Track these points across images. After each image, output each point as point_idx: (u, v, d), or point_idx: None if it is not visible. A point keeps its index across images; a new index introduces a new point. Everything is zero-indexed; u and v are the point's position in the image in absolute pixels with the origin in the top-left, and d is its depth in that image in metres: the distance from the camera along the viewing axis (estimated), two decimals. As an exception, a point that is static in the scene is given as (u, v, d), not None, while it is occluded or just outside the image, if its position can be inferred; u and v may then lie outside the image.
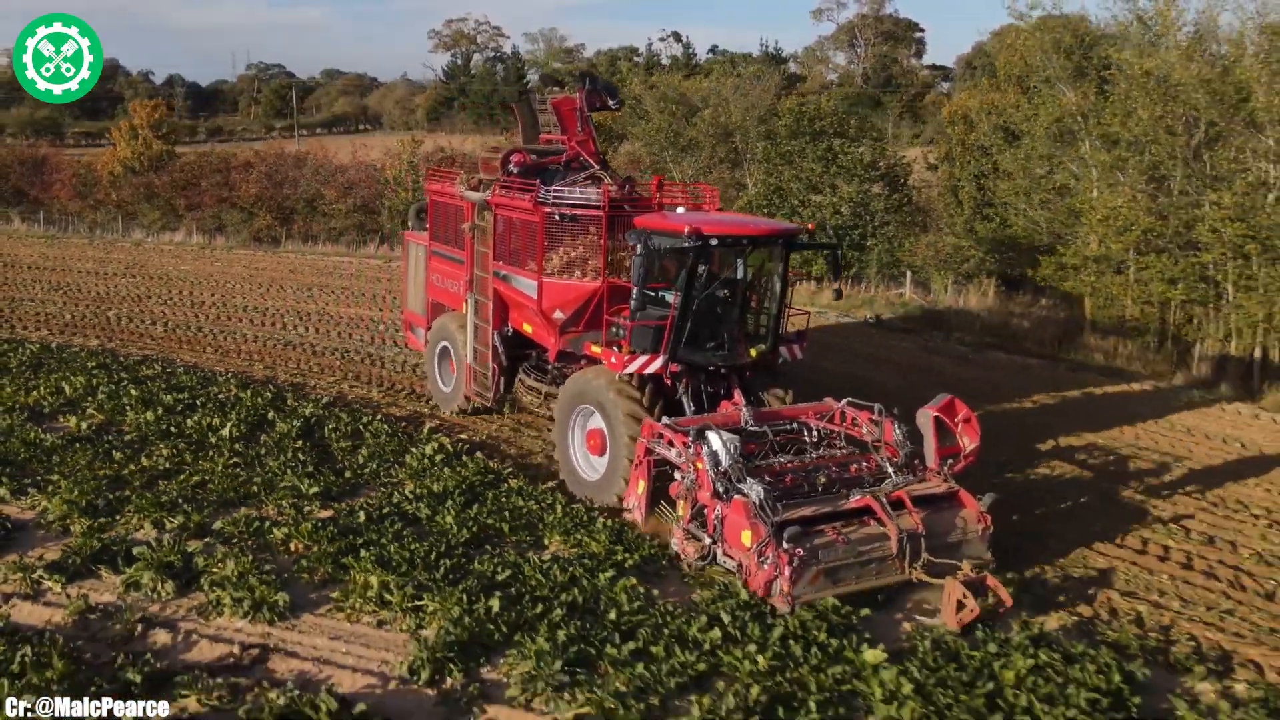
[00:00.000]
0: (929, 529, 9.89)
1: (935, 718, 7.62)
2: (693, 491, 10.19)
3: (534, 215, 12.94)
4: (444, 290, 15.85)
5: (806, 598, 9.30)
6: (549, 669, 8.13)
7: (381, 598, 9.42)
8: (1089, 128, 21.13)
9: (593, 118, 15.13)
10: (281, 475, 12.48)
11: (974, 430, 10.89)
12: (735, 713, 7.61)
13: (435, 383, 16.30)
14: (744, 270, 12.24)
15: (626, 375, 11.83)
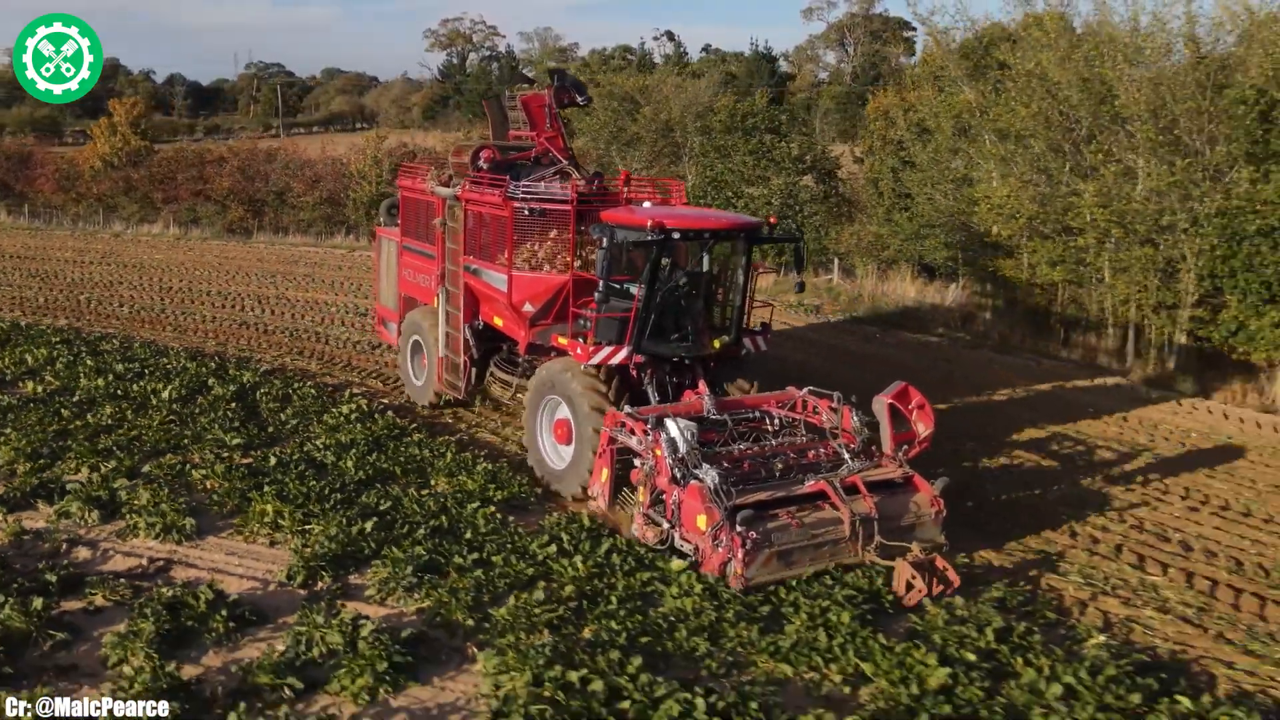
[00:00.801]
0: (882, 512, 10.13)
1: (713, 610, 9.12)
2: (652, 478, 10.33)
3: (503, 210, 13.12)
4: (416, 285, 15.93)
5: (760, 579, 9.50)
6: (402, 574, 9.62)
7: (275, 523, 10.89)
8: (983, 123, 22.66)
9: (562, 114, 15.28)
10: (209, 430, 13.94)
11: (928, 416, 11.08)
12: (546, 604, 9.11)
13: (408, 376, 16.40)
14: (707, 263, 12.40)
15: (592, 366, 11.99)
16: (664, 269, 11.96)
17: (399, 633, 8.51)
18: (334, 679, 7.88)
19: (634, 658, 8.08)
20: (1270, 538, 11.87)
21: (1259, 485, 13.69)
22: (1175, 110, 18.37)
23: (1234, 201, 17.43)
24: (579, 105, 15.87)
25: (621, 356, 11.92)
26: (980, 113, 22.90)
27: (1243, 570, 10.93)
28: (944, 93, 24.86)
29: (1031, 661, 8.36)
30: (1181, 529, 12.09)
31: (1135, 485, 13.55)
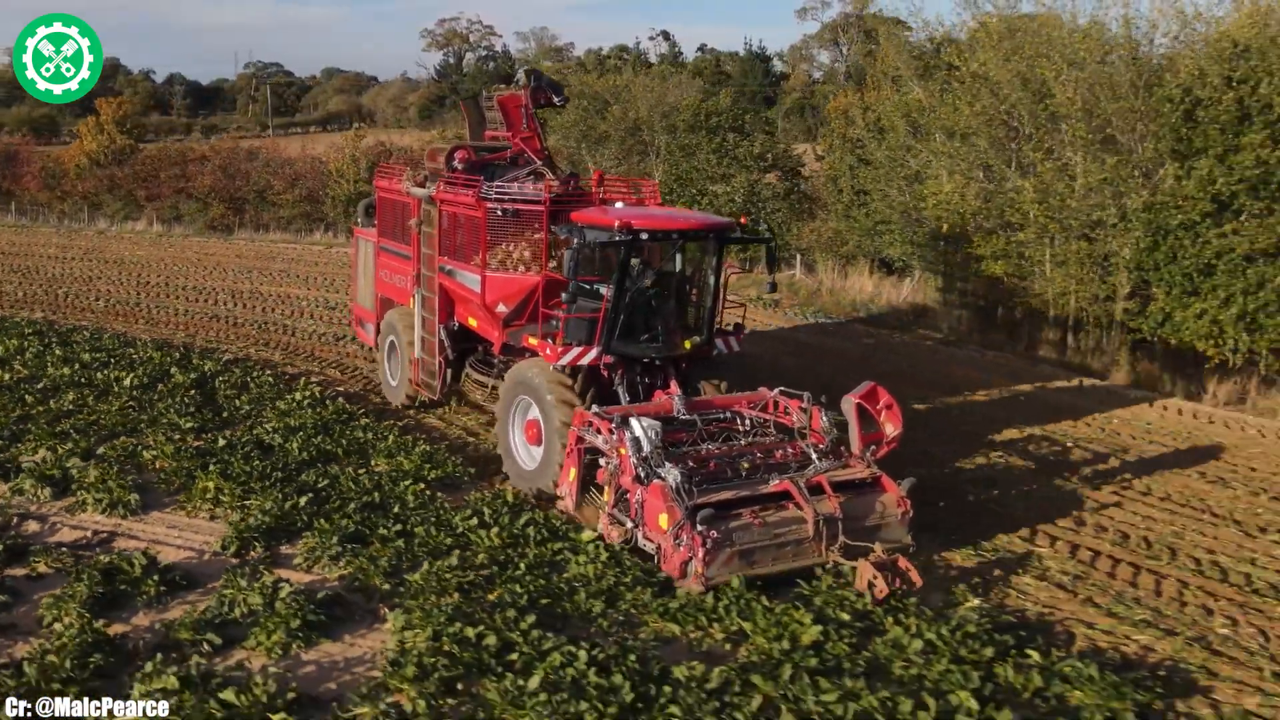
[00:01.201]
0: (848, 513, 10.04)
1: (614, 575, 9.73)
2: (616, 477, 10.31)
3: (477, 211, 13.06)
4: (392, 285, 15.94)
5: (721, 579, 9.40)
6: (329, 544, 10.23)
7: (216, 499, 11.50)
8: (932, 121, 23.29)
9: (538, 115, 15.13)
10: (165, 414, 14.53)
11: (896, 417, 11.00)
12: (459, 570, 9.72)
13: (385, 376, 16.46)
14: (678, 264, 12.40)
15: (562, 367, 11.95)
16: (633, 269, 11.90)
17: (315, 594, 9.12)
18: (251, 635, 8.48)
19: (529, 616, 8.68)
20: (1187, 520, 12.44)
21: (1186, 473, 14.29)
22: (1108, 109, 18.99)
23: (1159, 197, 18.05)
24: (555, 105, 15.77)
25: (590, 357, 11.88)
26: (929, 112, 23.51)
27: (1126, 542, 11.53)
28: (899, 93, 25.47)
29: (901, 621, 8.97)
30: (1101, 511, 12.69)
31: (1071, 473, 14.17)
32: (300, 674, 8.07)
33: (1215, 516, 12.39)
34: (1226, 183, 16.94)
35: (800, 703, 7.61)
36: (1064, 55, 19.84)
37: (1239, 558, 11.17)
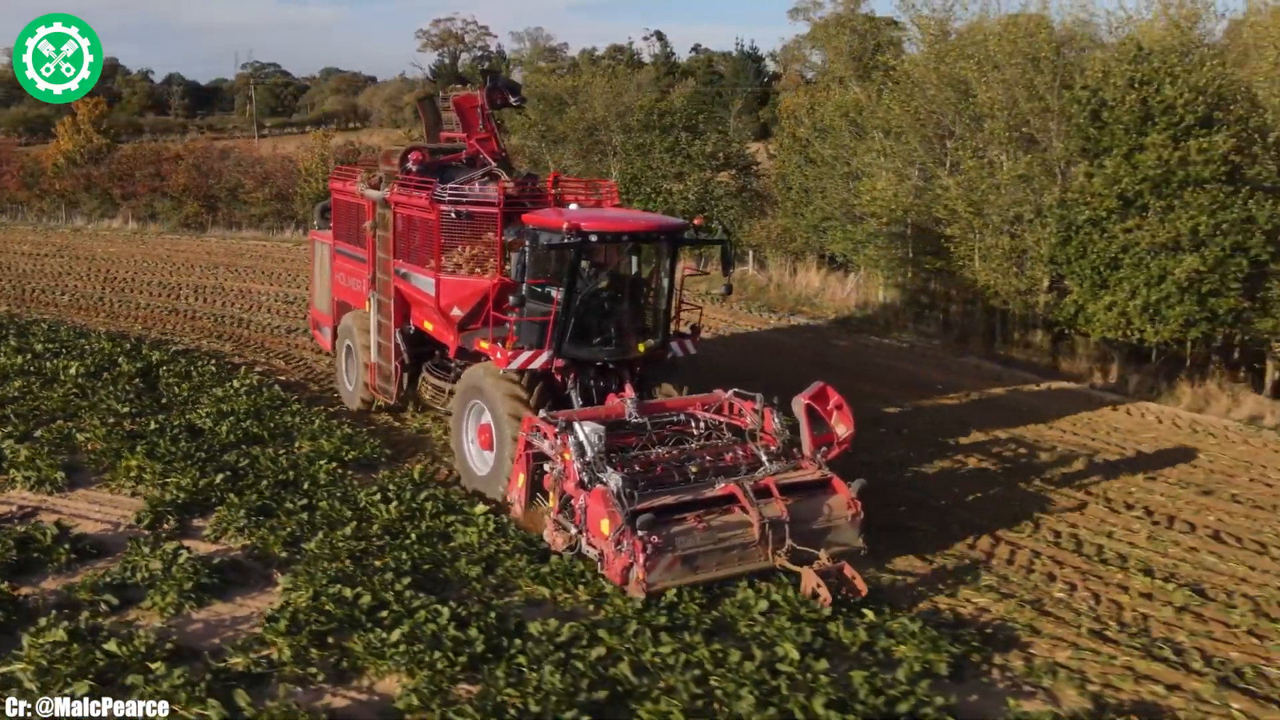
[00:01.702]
0: (796, 516, 9.87)
1: (495, 545, 10.39)
2: (561, 482, 10.16)
3: (430, 213, 12.88)
4: (348, 289, 15.72)
5: (663, 585, 9.25)
6: (236, 517, 10.87)
7: (140, 476, 12.12)
8: (868, 120, 23.97)
9: (495, 116, 14.93)
10: (105, 400, 15.16)
11: (847, 417, 10.87)
12: (353, 539, 10.37)
13: (342, 381, 16.25)
14: (632, 266, 12.26)
15: (513, 371, 11.80)
16: (584, 271, 11.73)
17: (213, 561, 9.78)
18: (147, 596, 9.12)
19: (405, 579, 9.34)
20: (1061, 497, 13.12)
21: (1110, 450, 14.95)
22: (1024, 109, 19.67)
23: (1070, 194, 18.73)
24: (513, 106, 15.50)
25: (541, 361, 11.72)
26: (866, 111, 24.19)
27: (1014, 525, 12.08)
28: (842, 92, 26.16)
29: (754, 585, 9.63)
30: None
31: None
32: (187, 630, 8.72)
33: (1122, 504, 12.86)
34: (1130, 181, 17.61)
35: (639, 654, 8.27)
36: (986, 57, 20.52)
37: (1098, 531, 11.85)
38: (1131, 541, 11.60)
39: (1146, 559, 11.08)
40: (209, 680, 7.65)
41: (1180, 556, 11.21)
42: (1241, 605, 10.05)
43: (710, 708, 7.58)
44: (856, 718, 7.43)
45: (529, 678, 7.83)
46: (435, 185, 12.94)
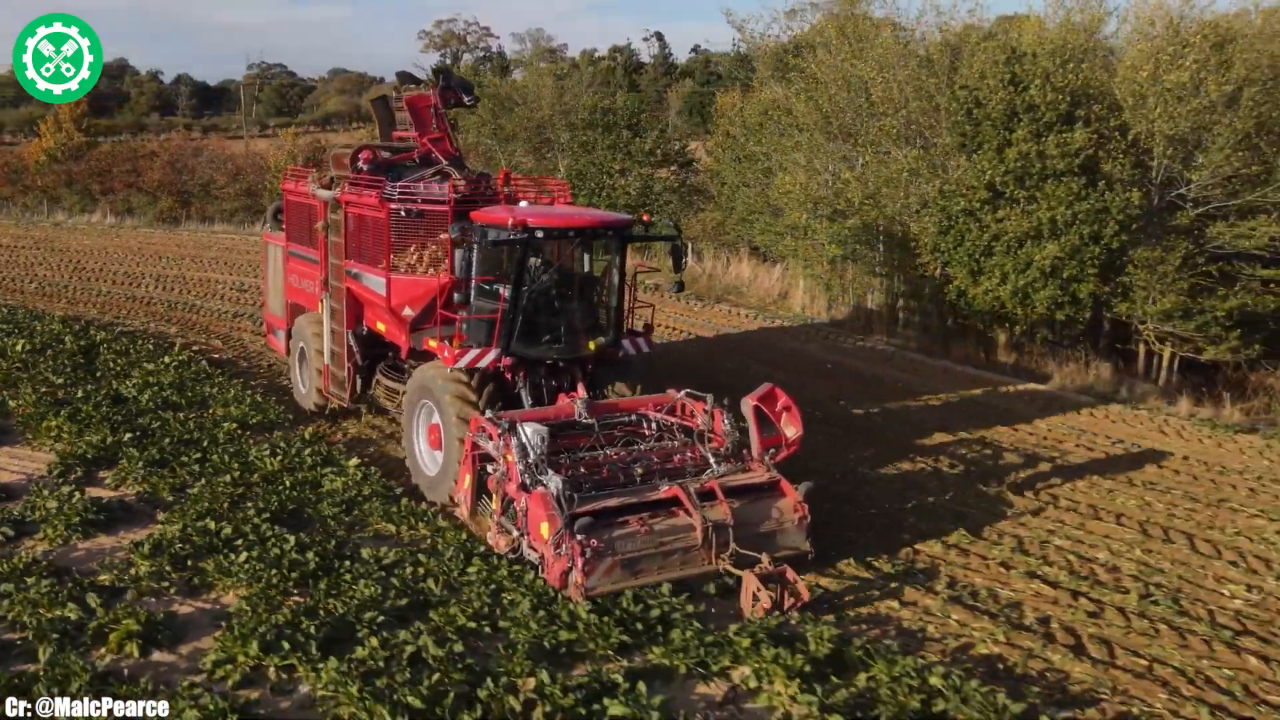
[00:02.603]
0: (741, 519, 9.72)
1: (361, 488, 11.67)
2: (504, 484, 10.01)
3: (380, 212, 12.74)
4: (301, 291, 15.48)
5: (603, 589, 9.07)
6: (134, 468, 12.14)
7: (59, 435, 13.40)
8: (782, 117, 25.26)
9: (449, 115, 14.74)
10: (43, 373, 16.43)
11: (795, 418, 10.68)
12: (232, 485, 11.63)
13: (296, 384, 15.99)
14: (582, 263, 12.19)
15: (461, 370, 11.65)
16: (531, 268, 11.55)
17: (102, 501, 11.06)
18: (41, 529, 10.41)
19: (265, 515, 10.63)
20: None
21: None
22: (913, 107, 20.94)
23: (949, 186, 20.00)
24: (466, 106, 15.23)
25: (489, 359, 11.55)
26: (781, 109, 25.47)
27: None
28: (762, 91, 27.44)
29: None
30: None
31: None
32: (70, 556, 9.99)
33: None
34: (996, 174, 18.87)
35: (450, 574, 9.56)
36: (879, 59, 21.79)
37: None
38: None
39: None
40: (70, 588, 8.93)
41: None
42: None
43: (494, 612, 8.86)
44: (612, 619, 8.71)
45: (347, 590, 9.11)
46: (385, 184, 12.84)
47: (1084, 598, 10.12)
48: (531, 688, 7.52)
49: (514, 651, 8.10)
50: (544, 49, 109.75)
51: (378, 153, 14.34)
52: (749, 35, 28.77)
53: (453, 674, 7.68)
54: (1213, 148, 18.70)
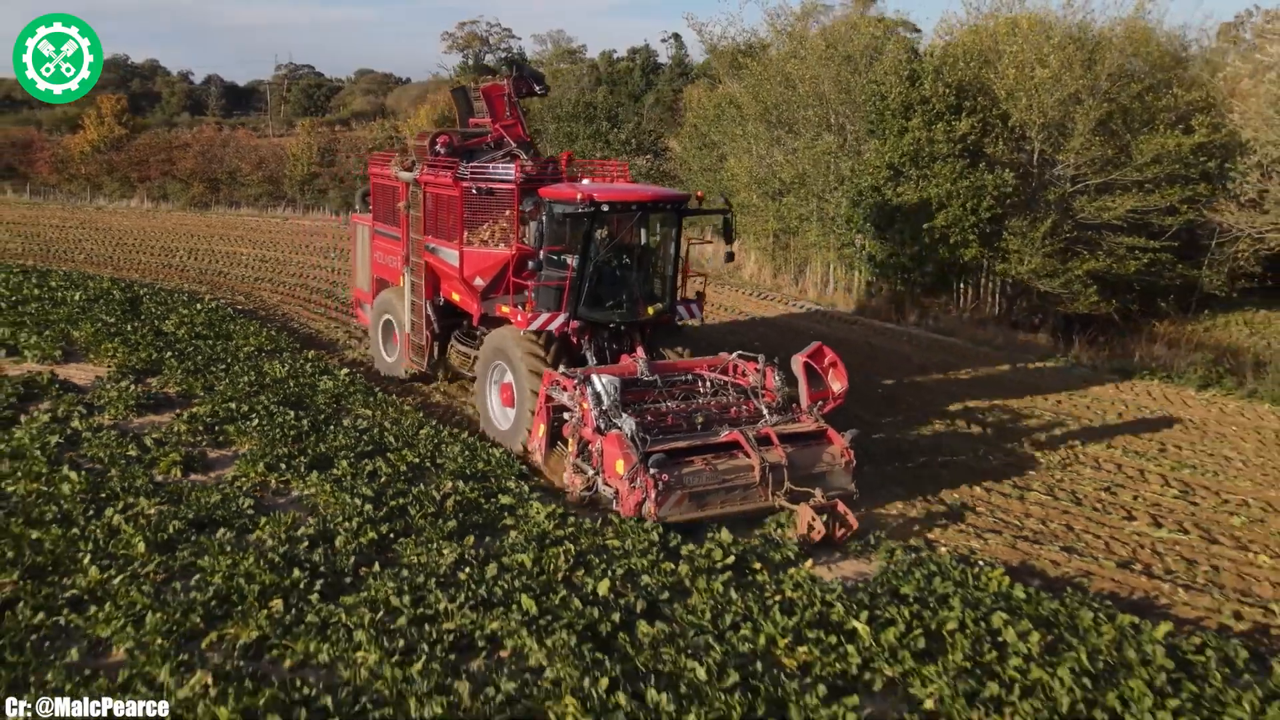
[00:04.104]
0: (794, 461, 10.49)
1: (350, 388, 14.91)
2: (579, 429, 10.84)
3: (454, 190, 13.57)
4: (386, 266, 16.30)
5: (673, 518, 9.86)
6: (174, 375, 15.41)
7: (114, 354, 16.67)
8: (727, 110, 28.40)
9: (521, 104, 15.50)
10: (98, 314, 19.74)
11: (841, 374, 11.41)
12: (247, 385, 14.86)
13: (379, 354, 16.85)
14: (641, 236, 12.84)
15: (532, 333, 12.51)
16: (597, 240, 12.30)
17: (150, 392, 14.35)
18: (105, 409, 13.66)
19: (273, 401, 13.88)
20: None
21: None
22: (833, 99, 24.02)
23: (859, 166, 23.09)
24: (537, 95, 16.03)
25: (558, 323, 12.39)
26: (730, 103, 28.63)
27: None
28: (719, 87, 30.65)
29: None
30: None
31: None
32: (129, 425, 13.25)
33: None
34: (895, 156, 21.95)
35: (404, 434, 12.78)
36: (810, 56, 24.90)
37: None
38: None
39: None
40: (131, 438, 12.22)
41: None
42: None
43: (434, 455, 12.07)
44: (516, 458, 11.92)
45: (330, 441, 12.35)
46: (459, 165, 13.79)
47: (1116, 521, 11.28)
48: (449, 488, 10.73)
49: (443, 472, 11.32)
50: (564, 50, 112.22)
51: (454, 137, 15.09)
52: (706, 37, 31.75)
53: (397, 483, 10.90)
54: (1075, 133, 21.70)
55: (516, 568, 8.89)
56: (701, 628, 7.90)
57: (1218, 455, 14.03)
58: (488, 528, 10.00)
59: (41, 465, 10.98)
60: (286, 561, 8.78)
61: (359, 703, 6.68)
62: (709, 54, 34.59)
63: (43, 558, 8.70)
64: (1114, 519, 11.58)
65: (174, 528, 9.45)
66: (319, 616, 7.86)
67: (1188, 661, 7.69)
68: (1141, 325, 23.63)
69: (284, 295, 24.47)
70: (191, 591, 8.19)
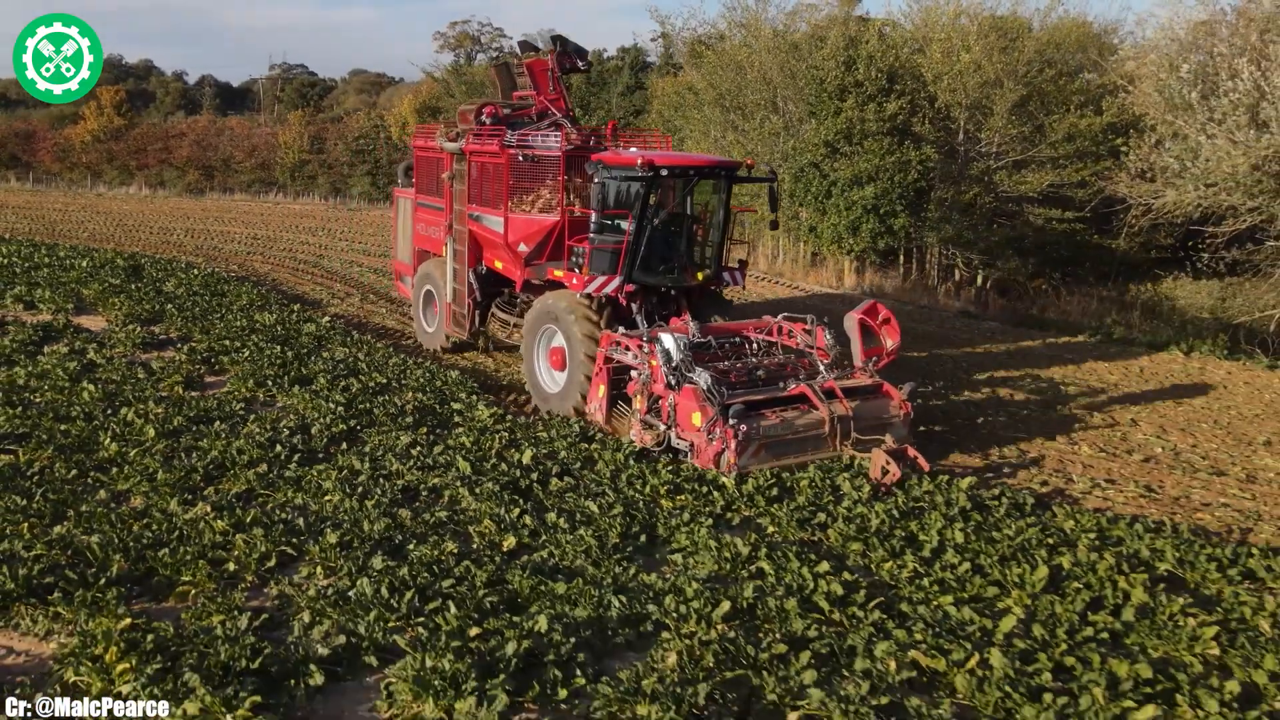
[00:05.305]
0: (857, 413, 10.69)
1: (331, 330, 16.77)
2: (648, 386, 10.86)
3: (500, 158, 13.57)
4: (428, 237, 16.41)
5: (750, 468, 9.98)
6: (174, 322, 17.25)
7: (121, 308, 18.50)
8: (690, 96, 30.28)
9: (565, 79, 15.48)
10: (103, 278, 21.55)
11: (894, 330, 11.58)
12: (240, 329, 16.71)
13: (420, 324, 17.02)
14: (690, 201, 12.85)
15: (585, 296, 12.42)
16: (652, 204, 12.23)
17: (153, 334, 16.19)
18: (114, 345, 15.47)
19: (262, 340, 15.72)
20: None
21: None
22: (777, 82, 25.91)
23: (798, 143, 24.98)
24: (580, 70, 16.00)
25: (614, 286, 12.32)
26: (691, 89, 30.52)
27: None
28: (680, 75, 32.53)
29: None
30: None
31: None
32: (136, 358, 15.07)
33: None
34: (830, 133, 23.85)
35: (381, 371, 14.62)
36: (762, 47, 26.79)
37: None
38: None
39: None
40: (139, 367, 14.07)
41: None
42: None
43: (400, 378, 13.93)
44: (478, 384, 13.80)
45: (311, 368, 14.18)
46: (505, 132, 13.87)
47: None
48: (409, 397, 12.61)
49: (405, 388, 13.20)
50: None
51: (499, 109, 15.06)
52: (669, 28, 33.66)
53: (366, 395, 12.77)
54: (995, 114, 23.63)
55: (459, 446, 10.77)
56: (600, 482, 9.82)
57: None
58: (440, 425, 11.86)
59: (64, 381, 12.82)
60: (270, 442, 10.64)
61: (323, 523, 8.55)
62: (662, 40, 36.33)
63: (70, 441, 10.53)
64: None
65: (178, 421, 11.29)
66: (295, 475, 9.73)
67: (984, 505, 9.60)
68: (1061, 290, 25.61)
69: (274, 265, 26.28)
70: (193, 459, 10.05)
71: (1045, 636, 6.94)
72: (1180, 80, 18.07)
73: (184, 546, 7.86)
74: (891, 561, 8.18)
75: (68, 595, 7.03)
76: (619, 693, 6.01)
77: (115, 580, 7.35)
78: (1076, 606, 7.44)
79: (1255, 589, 8.05)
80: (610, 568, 7.83)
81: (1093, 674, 6.36)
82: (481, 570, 7.60)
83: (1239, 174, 17.58)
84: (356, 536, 8.19)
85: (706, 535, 8.51)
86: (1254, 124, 17.50)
